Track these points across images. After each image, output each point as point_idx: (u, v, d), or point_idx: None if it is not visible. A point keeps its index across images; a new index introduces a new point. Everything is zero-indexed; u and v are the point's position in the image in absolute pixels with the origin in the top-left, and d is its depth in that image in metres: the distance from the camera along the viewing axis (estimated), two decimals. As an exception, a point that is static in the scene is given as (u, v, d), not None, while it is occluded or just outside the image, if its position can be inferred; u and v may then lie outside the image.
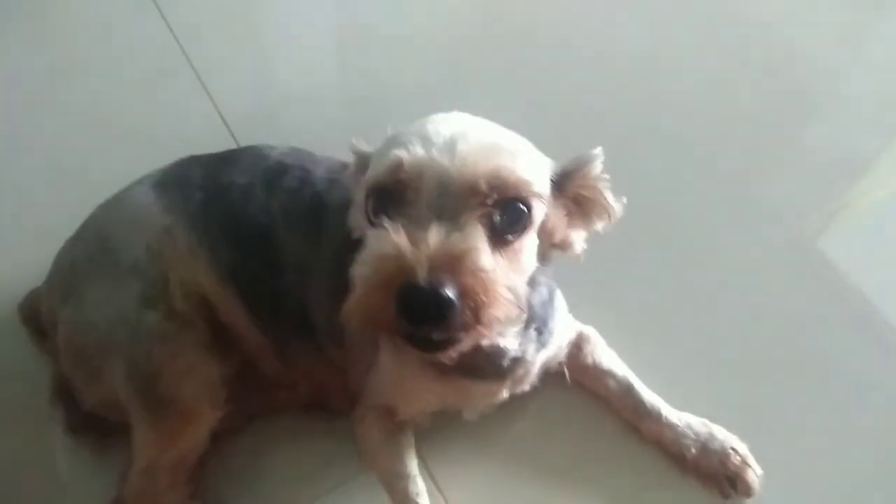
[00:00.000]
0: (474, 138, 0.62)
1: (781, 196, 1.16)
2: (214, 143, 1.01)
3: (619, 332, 0.94)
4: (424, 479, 0.82)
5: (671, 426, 0.87)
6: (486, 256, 0.57)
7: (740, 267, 1.06)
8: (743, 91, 1.30)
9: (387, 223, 0.58)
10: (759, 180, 1.17)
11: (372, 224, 0.62)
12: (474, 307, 0.56)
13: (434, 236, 0.56)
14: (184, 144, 0.95)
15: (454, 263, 0.55)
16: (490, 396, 0.82)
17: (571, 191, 0.69)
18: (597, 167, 0.69)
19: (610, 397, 0.92)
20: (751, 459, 0.84)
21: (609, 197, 0.70)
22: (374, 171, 0.64)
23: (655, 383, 0.91)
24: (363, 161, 0.70)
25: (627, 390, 0.90)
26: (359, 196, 0.69)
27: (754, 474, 0.83)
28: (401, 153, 0.60)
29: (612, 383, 0.91)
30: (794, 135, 1.26)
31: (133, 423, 0.81)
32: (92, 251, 0.85)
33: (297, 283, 0.84)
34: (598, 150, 0.69)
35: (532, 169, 0.65)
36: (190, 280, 0.83)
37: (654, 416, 0.88)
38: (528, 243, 0.64)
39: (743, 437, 0.86)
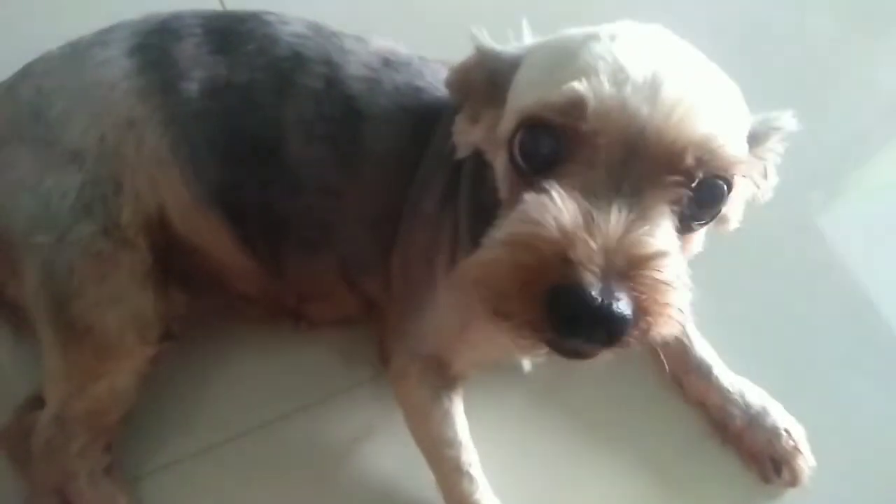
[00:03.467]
0: (683, 82, 0.45)
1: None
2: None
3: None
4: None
5: (720, 389, 0.75)
6: (673, 263, 0.44)
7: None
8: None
9: (554, 189, 0.44)
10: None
11: (517, 168, 0.48)
12: (645, 328, 0.44)
13: (615, 223, 0.42)
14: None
15: (635, 268, 0.43)
16: None
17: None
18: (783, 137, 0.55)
19: (655, 341, 0.78)
20: (804, 446, 0.73)
21: (771, 171, 0.58)
22: (536, 97, 0.47)
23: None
24: (490, 62, 0.54)
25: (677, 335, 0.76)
26: (484, 114, 0.54)
27: (805, 464, 0.73)
28: (583, 88, 0.44)
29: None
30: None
31: (44, 349, 0.63)
32: (24, 118, 0.65)
33: (319, 208, 0.67)
34: (792, 116, 0.54)
35: (741, 134, 0.50)
36: (149, 193, 0.65)
37: (702, 371, 0.76)
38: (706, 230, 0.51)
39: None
